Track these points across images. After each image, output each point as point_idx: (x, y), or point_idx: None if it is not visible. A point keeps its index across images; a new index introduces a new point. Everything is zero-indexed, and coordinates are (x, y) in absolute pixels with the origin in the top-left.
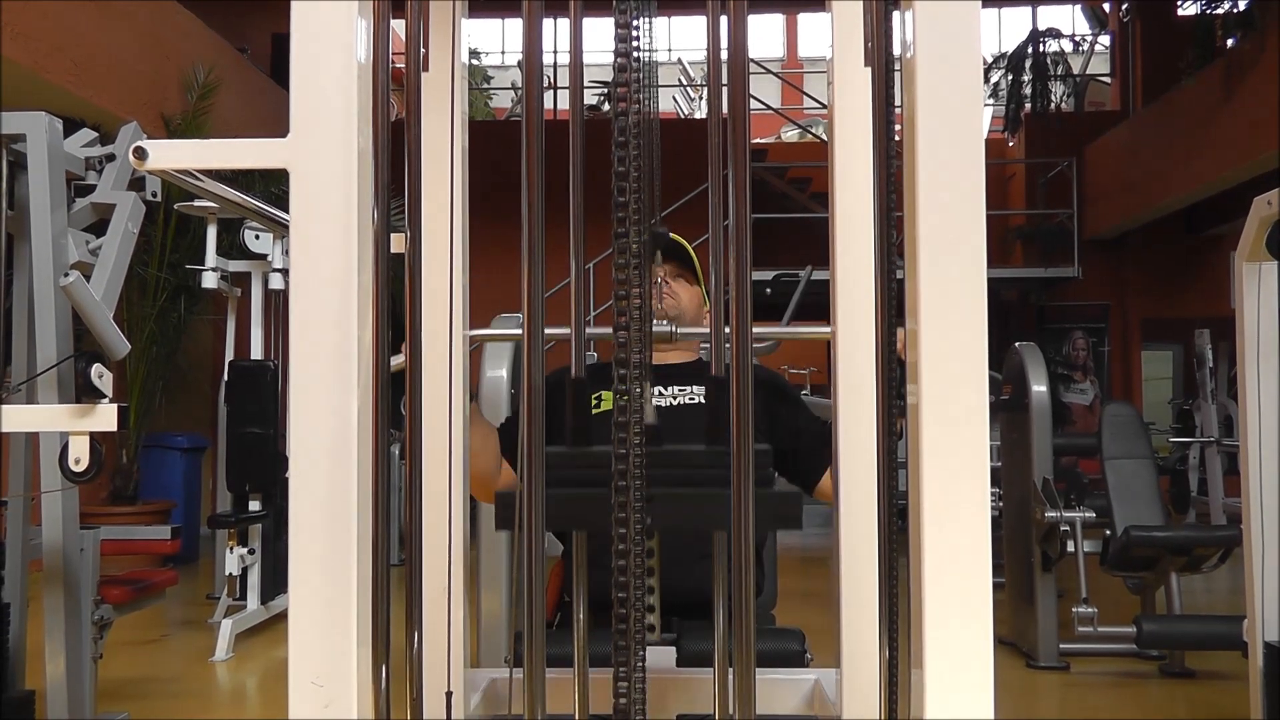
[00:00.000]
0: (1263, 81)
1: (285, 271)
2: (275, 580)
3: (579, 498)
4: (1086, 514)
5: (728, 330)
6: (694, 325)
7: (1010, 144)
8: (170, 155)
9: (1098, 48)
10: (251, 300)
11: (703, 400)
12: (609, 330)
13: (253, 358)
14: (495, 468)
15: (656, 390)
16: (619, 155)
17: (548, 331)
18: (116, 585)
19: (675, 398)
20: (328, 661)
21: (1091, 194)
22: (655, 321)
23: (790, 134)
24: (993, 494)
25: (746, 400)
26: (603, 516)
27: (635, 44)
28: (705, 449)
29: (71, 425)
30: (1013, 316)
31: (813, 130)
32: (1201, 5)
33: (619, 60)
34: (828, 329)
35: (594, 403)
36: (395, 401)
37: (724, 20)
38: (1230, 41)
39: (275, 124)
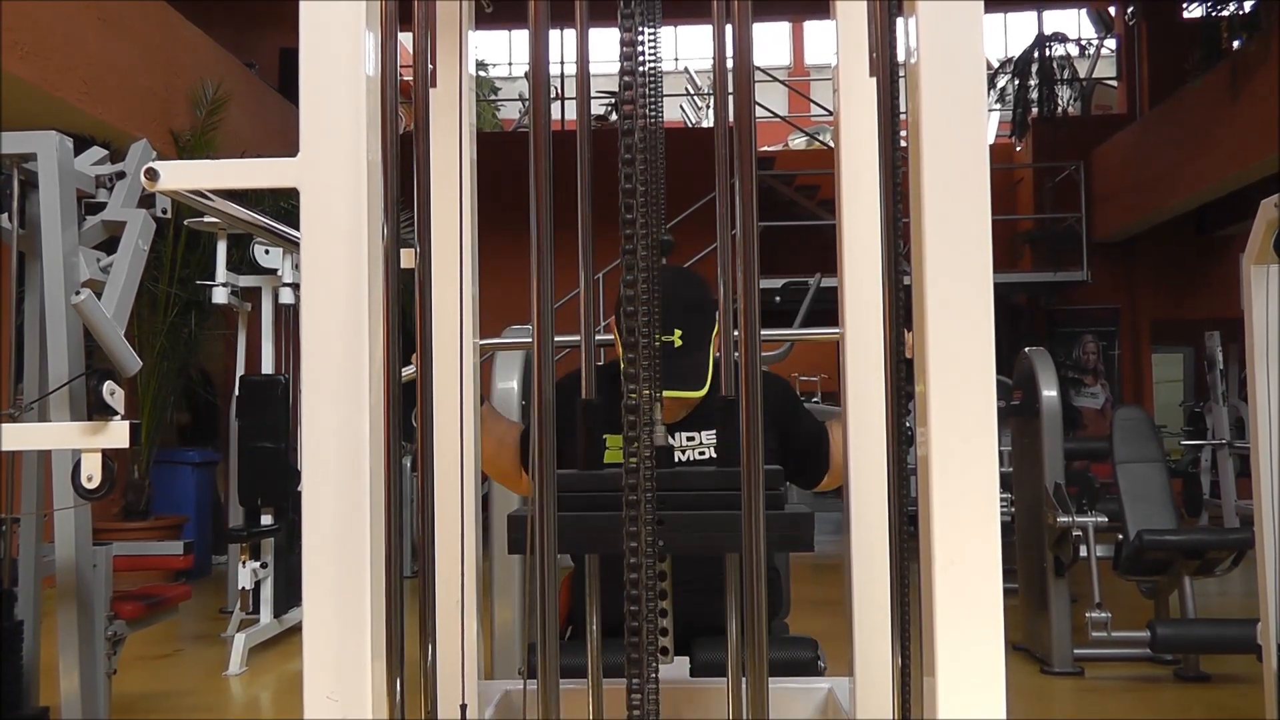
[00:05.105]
0: (1269, 82)
1: (296, 286)
2: (288, 594)
3: (590, 521)
4: (1099, 518)
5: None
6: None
7: (1018, 148)
8: (181, 176)
9: (1104, 51)
10: (262, 315)
11: (713, 454)
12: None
13: (264, 372)
14: (516, 463)
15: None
16: (626, 172)
17: (558, 339)
18: (129, 601)
19: (684, 449)
20: (342, 674)
21: (1100, 197)
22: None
23: (797, 141)
24: (1004, 499)
25: (756, 417)
26: (614, 538)
27: (640, 60)
28: (716, 470)
29: (83, 443)
30: (1022, 320)
31: (820, 137)
32: (1206, 7)
33: (624, 78)
34: (838, 331)
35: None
36: (407, 414)
37: (729, 29)
38: (1236, 43)
39: (284, 137)
